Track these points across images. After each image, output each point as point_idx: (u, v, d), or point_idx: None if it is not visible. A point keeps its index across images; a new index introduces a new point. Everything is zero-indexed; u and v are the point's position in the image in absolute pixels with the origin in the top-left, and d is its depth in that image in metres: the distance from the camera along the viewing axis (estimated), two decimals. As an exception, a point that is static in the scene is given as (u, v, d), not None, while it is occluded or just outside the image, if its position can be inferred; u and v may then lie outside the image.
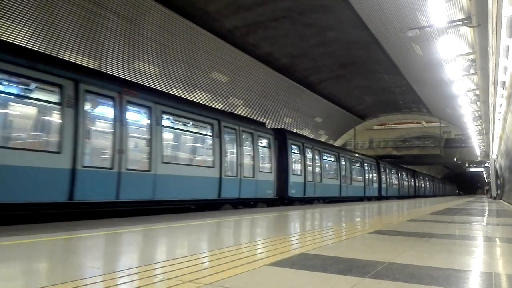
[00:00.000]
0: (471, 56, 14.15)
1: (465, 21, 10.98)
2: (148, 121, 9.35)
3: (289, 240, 4.68)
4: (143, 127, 9.41)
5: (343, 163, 21.42)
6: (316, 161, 18.07)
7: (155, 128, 9.40)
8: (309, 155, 17.23)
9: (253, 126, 13.47)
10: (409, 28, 12.71)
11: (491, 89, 14.41)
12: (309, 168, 17.18)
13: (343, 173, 21.25)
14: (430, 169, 62.12)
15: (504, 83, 12.56)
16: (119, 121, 8.49)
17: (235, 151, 12.26)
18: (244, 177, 12.35)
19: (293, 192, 15.45)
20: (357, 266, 3.07)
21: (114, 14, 15.22)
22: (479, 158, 40.37)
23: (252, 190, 12.77)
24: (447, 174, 76.20)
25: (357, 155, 26.27)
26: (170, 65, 18.99)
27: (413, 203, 19.55)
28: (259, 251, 3.90)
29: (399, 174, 34.31)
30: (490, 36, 10.06)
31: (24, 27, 13.15)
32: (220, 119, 11.62)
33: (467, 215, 10.69)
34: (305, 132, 30.82)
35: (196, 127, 11.35)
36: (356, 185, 23.45)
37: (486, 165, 40.31)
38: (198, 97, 20.96)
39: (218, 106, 21.62)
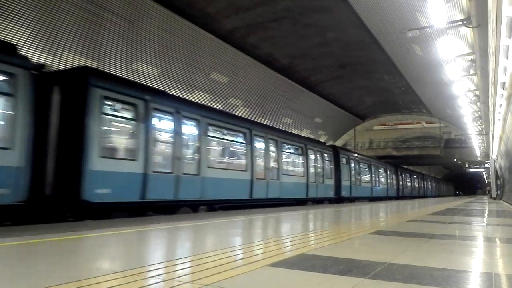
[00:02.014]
0: (471, 57, 14.16)
1: (465, 22, 10.99)
2: None
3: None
4: None
5: (259, 146, 13.61)
6: (186, 136, 10.41)
7: None
8: (154, 121, 9.41)
9: None
10: (409, 28, 12.73)
11: (491, 89, 14.41)
12: (157, 147, 9.56)
13: (258, 161, 13.40)
14: (430, 169, 62.07)
15: (504, 83, 12.56)
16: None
17: None
18: None
19: (93, 191, 7.84)
20: (357, 267, 3.07)
21: (114, 15, 15.23)
22: (479, 159, 40.39)
23: None
24: (447, 174, 76.16)
25: (294, 137, 17.39)
26: (169, 65, 19.00)
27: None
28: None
29: (373, 169, 26.34)
30: (490, 36, 10.07)
31: (24, 27, 13.16)
32: None
33: (467, 215, 10.69)
34: (305, 133, 30.83)
35: None
36: (291, 181, 15.47)
37: (486, 165, 40.32)
38: (197, 97, 20.97)
39: (218, 106, 21.64)
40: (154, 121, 9.41)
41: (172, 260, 3.33)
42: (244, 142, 12.91)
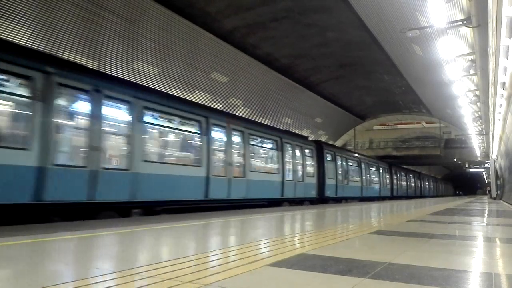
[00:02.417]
0: (471, 57, 14.16)
1: (465, 22, 10.99)
2: None
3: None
4: None
5: (219, 137, 11.67)
6: (109, 122, 8.44)
7: None
8: (59, 100, 7.40)
9: None
10: (409, 28, 12.72)
11: (491, 89, 14.41)
12: None
13: (217, 155, 11.46)
14: (430, 169, 62.10)
15: (504, 83, 12.56)
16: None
17: None
18: None
19: None
20: (357, 267, 3.07)
21: (114, 14, 15.24)
22: (479, 159, 40.41)
23: None
24: (447, 174, 76.18)
25: (267, 129, 15.28)
26: (169, 65, 19.00)
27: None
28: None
29: (363, 167, 24.42)
30: (490, 36, 10.07)
31: (24, 27, 13.16)
32: None
33: (467, 215, 10.69)
34: (305, 133, 30.88)
35: None
36: (261, 179, 13.44)
37: (486, 165, 40.34)
38: (198, 97, 20.98)
39: (218, 106, 21.65)
40: (59, 101, 7.38)
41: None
42: (198, 132, 10.79)
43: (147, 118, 9.21)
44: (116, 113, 8.53)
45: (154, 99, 9.41)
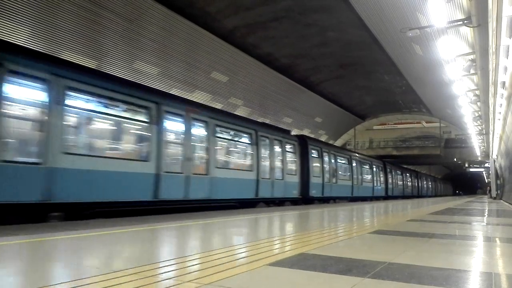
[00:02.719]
0: (471, 56, 14.16)
1: (465, 21, 10.98)
2: None
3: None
4: None
5: (174, 128, 10.21)
6: (12, 104, 6.76)
7: None
8: None
9: None
10: (409, 28, 12.71)
11: (491, 89, 14.41)
12: None
13: (170, 149, 9.91)
14: (430, 169, 62.12)
15: (504, 83, 12.57)
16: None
17: None
18: None
19: None
20: (357, 266, 3.07)
21: (114, 14, 15.24)
22: (479, 158, 40.40)
23: None
24: (448, 174, 76.19)
25: (238, 120, 13.62)
26: (170, 65, 19.00)
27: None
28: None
29: (354, 165, 22.75)
30: (490, 36, 10.07)
31: (24, 27, 13.16)
32: None
33: (467, 215, 10.69)
34: (305, 132, 30.90)
35: None
36: (231, 177, 11.96)
37: (486, 165, 40.33)
38: (198, 97, 20.98)
39: (218, 106, 21.65)
40: None
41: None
42: (146, 120, 9.17)
43: (72, 101, 7.51)
44: (24, 93, 6.87)
45: (82, 78, 7.73)
